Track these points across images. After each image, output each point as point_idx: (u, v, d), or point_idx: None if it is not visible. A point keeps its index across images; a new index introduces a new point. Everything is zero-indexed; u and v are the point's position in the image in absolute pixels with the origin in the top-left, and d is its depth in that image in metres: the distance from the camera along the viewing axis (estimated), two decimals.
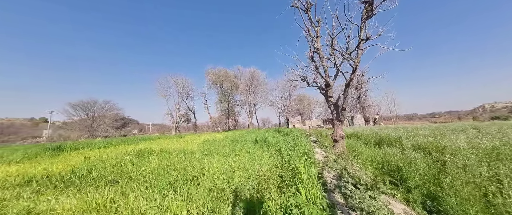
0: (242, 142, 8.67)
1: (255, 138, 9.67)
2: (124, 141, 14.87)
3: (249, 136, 11.14)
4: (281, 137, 10.46)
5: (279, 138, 9.74)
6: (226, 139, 11.04)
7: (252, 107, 39.12)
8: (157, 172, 4.18)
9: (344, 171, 4.47)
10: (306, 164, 3.17)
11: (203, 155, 6.42)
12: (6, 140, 60.63)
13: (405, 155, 5.58)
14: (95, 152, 8.82)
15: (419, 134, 8.57)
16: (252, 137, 10.38)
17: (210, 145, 8.79)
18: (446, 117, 62.11)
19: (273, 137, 10.23)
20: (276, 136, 10.88)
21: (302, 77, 8.89)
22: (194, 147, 8.70)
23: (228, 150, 6.92)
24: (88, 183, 3.73)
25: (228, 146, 8.12)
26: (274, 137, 10.10)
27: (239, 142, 8.47)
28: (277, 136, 10.60)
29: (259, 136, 10.51)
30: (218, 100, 39.18)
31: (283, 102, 40.10)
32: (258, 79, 39.56)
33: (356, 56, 6.17)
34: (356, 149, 8.21)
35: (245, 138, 10.62)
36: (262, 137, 10.17)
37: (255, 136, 10.62)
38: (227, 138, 11.86)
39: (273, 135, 11.41)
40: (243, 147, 7.20)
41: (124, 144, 12.63)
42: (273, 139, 8.72)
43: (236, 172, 4.20)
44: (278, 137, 10.05)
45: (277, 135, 11.39)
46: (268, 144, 7.69)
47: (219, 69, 37.53)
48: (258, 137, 9.95)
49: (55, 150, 10.16)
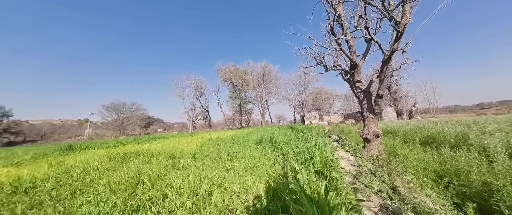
0: (244, 142, 7.22)
1: (261, 137, 8.13)
2: (136, 140, 14.89)
3: (257, 134, 9.63)
4: (293, 135, 8.71)
5: (290, 136, 8.01)
6: (230, 138, 9.80)
7: (264, 104, 37.44)
8: (95, 190, 2.96)
9: (394, 194, 2.65)
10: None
11: (192, 160, 5.20)
12: (56, 139, 71.27)
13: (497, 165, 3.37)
14: (97, 152, 8.50)
15: (491, 129, 5.89)
16: (259, 136, 8.87)
17: (209, 145, 7.62)
18: (499, 108, 50.53)
19: (283, 135, 8.53)
20: (287, 134, 9.14)
21: (318, 59, 6.92)
22: (192, 147, 7.64)
23: (225, 152, 5.60)
24: None
25: (229, 146, 6.81)
26: (284, 136, 8.41)
27: (241, 143, 7.05)
28: (289, 135, 8.86)
29: (266, 135, 8.92)
30: (229, 97, 38.50)
31: (298, 97, 37.39)
32: (270, 74, 37.51)
33: (402, 13, 4.05)
34: (395, 150, 6.03)
35: (251, 136, 9.17)
36: (269, 135, 8.57)
37: (262, 135, 9.07)
38: (232, 137, 10.63)
39: (284, 133, 9.68)
40: (243, 149, 5.75)
41: (133, 143, 12.42)
42: (282, 139, 7.06)
43: (215, 192, 2.77)
44: (289, 136, 8.33)
45: (289, 133, 9.62)
46: (274, 145, 6.09)
47: (229, 65, 36.65)
48: (264, 136, 8.38)
49: (66, 150, 10.27)
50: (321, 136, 7.70)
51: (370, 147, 5.30)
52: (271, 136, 8.24)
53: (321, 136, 7.70)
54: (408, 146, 6.30)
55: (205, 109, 43.16)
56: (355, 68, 5.77)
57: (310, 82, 37.44)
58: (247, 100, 39.19)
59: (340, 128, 17.72)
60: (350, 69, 5.86)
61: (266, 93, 37.26)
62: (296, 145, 5.24)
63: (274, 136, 8.03)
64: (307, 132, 8.75)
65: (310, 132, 9.28)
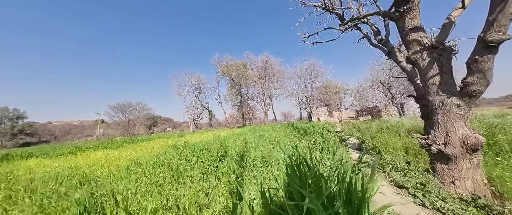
0: (209, 154, 4.45)
1: (245, 142, 5.33)
2: (125, 141, 12.75)
3: (234, 140, 6.81)
4: (292, 137, 5.83)
5: (289, 139, 5.15)
6: (212, 142, 7.14)
7: (267, 100, 34.36)
8: None
9: None
10: None
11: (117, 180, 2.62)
12: (68, 139, 73.98)
13: None
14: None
15: None
16: (237, 144, 6.08)
17: (175, 153, 5.05)
18: None
19: (276, 139, 5.64)
20: (284, 137, 6.24)
21: (330, 6, 3.90)
22: (147, 155, 5.13)
23: (171, 174, 2.96)
24: None
25: (178, 160, 4.18)
26: (279, 138, 5.55)
27: (198, 155, 4.28)
28: (285, 138, 5.96)
29: (251, 139, 6.08)
30: (227, 94, 35.81)
31: (304, 92, 33.90)
32: (273, 67, 34.13)
33: None
34: None
35: (228, 141, 6.38)
36: (254, 140, 5.74)
37: (244, 138, 6.24)
38: (216, 140, 7.98)
39: (276, 135, 6.76)
40: (189, 168, 3.05)
41: (114, 147, 10.25)
42: (264, 147, 4.21)
43: None
44: (285, 139, 5.45)
45: (284, 135, 6.68)
46: (245, 162, 3.28)
47: (226, 58, 33.67)
48: (249, 141, 5.58)
49: None
50: (332, 140, 4.72)
51: (455, 174, 2.29)
52: (257, 140, 5.39)
53: (332, 140, 4.72)
54: None
55: (205, 107, 41.06)
56: (406, 3, 2.70)
57: (318, 75, 33.77)
58: (249, 96, 36.33)
59: (354, 126, 14.37)
60: (396, 5, 2.79)
61: (268, 89, 34.12)
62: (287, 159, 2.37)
63: (258, 142, 5.15)
64: (312, 134, 5.77)
65: (317, 132, 6.29)
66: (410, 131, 8.42)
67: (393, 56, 3.40)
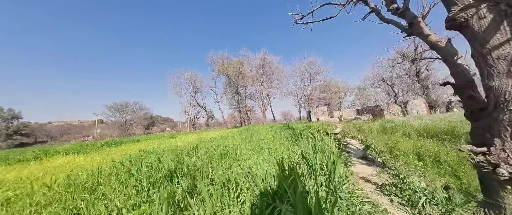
0: (158, 171, 3.40)
1: (224, 148, 4.29)
2: (106, 144, 11.71)
3: (220, 143, 5.76)
4: (284, 142, 4.80)
5: (278, 145, 4.11)
6: (182, 148, 6.12)
7: (265, 99, 33.29)
8: None
9: None
10: None
11: None
12: (65, 139, 73.08)
13: None
14: None
15: None
16: (225, 144, 5.05)
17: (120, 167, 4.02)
18: None
19: (260, 145, 4.60)
20: (274, 139, 5.19)
21: None
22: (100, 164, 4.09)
23: None
24: None
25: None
26: (267, 141, 4.52)
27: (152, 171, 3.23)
28: (274, 143, 4.90)
29: (236, 141, 5.03)
30: (223, 92, 34.67)
31: (303, 91, 32.82)
32: (271, 65, 33.01)
33: None
34: None
35: (213, 145, 5.34)
36: (238, 142, 4.70)
37: (223, 143, 5.19)
38: (192, 143, 6.96)
39: (263, 138, 5.70)
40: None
41: (89, 150, 9.18)
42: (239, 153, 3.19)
43: None
44: (273, 146, 4.41)
45: (275, 137, 5.62)
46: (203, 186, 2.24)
47: (222, 55, 32.44)
48: (229, 146, 4.54)
49: None
50: (329, 145, 3.66)
51: None
52: (236, 146, 4.34)
53: (329, 145, 3.66)
54: None
55: (202, 107, 40.00)
56: None
57: (317, 73, 32.68)
58: (247, 95, 35.22)
59: (356, 126, 13.33)
60: None
61: (266, 87, 33.03)
62: None
63: (240, 148, 4.10)
64: (307, 137, 4.71)
65: (313, 134, 5.24)
66: (420, 132, 7.36)
67: (416, 29, 2.36)
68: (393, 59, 22.58)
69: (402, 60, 22.05)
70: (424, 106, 22.38)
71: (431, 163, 3.18)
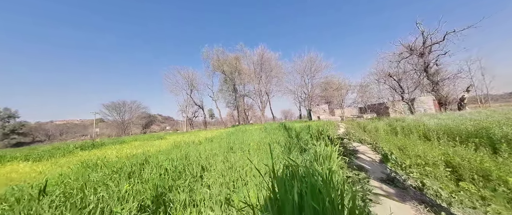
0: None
1: (184, 157, 3.13)
2: (83, 147, 10.59)
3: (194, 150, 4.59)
4: (275, 148, 3.63)
5: (265, 156, 2.95)
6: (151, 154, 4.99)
7: (264, 97, 32.00)
8: None
9: None
10: None
11: None
12: (63, 139, 72.53)
13: None
14: None
15: None
16: (200, 152, 3.90)
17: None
18: None
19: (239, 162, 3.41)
20: (253, 146, 3.99)
21: None
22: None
23: None
24: None
25: None
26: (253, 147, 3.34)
27: None
28: (254, 148, 3.71)
29: (202, 152, 3.84)
30: (218, 90, 33.32)
31: (303, 88, 31.52)
32: (270, 62, 31.62)
33: None
34: None
35: (182, 151, 4.18)
36: (217, 148, 3.52)
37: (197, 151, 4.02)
38: (166, 147, 5.81)
39: (250, 141, 4.50)
40: None
41: (59, 154, 8.04)
42: None
43: None
44: (258, 156, 3.24)
45: (254, 144, 4.41)
46: None
47: (217, 50, 30.89)
48: (203, 154, 3.37)
49: None
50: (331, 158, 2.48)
51: None
52: (213, 153, 3.16)
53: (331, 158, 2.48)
54: None
55: (199, 106, 38.83)
56: None
57: (318, 70, 31.32)
58: (245, 93, 33.92)
59: (359, 125, 12.10)
60: None
61: (265, 85, 31.71)
62: None
63: (215, 158, 2.91)
64: (304, 137, 3.52)
65: (313, 136, 4.04)
66: (439, 134, 6.10)
67: None
68: (400, 53, 21.25)
69: (410, 55, 20.67)
70: (432, 104, 21.01)
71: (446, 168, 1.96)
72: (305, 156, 2.94)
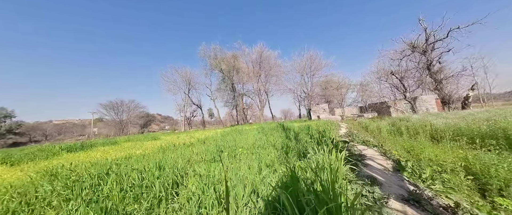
0: None
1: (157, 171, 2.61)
2: (66, 148, 10.04)
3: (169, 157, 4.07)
4: (265, 155, 3.10)
5: (254, 164, 2.44)
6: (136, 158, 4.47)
7: (263, 96, 31.41)
8: None
9: None
10: None
11: None
12: (60, 139, 71.77)
13: None
14: None
15: None
16: (177, 159, 3.37)
17: None
18: None
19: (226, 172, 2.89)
20: (245, 151, 3.48)
21: None
22: None
23: None
24: None
25: None
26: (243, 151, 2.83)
27: None
28: (245, 154, 3.19)
29: (200, 151, 3.34)
30: (216, 89, 32.67)
31: (303, 87, 30.97)
32: (269, 60, 31.00)
33: None
34: None
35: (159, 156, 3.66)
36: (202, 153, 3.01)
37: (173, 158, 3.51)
38: (153, 150, 5.30)
39: (243, 144, 3.98)
40: None
41: (35, 157, 7.44)
42: None
43: None
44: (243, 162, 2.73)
45: (245, 147, 3.89)
46: None
47: (214, 48, 30.13)
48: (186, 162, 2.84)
49: None
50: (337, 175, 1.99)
51: None
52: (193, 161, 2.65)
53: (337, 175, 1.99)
54: None
55: (197, 105, 38.25)
56: None
57: (318, 68, 30.75)
58: (244, 92, 33.31)
59: (360, 125, 11.62)
60: None
61: (264, 84, 31.13)
62: None
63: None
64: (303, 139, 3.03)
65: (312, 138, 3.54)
66: (452, 136, 5.59)
67: None
68: (402, 51, 20.71)
69: (412, 52, 20.13)
70: (435, 103, 20.53)
71: None
72: (303, 163, 2.43)
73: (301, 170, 2.23)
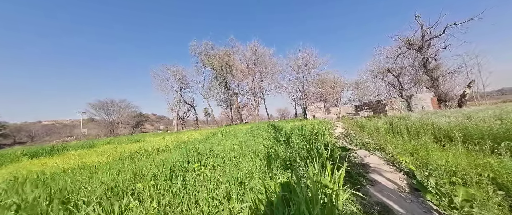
0: None
1: None
2: (31, 153, 8.98)
3: None
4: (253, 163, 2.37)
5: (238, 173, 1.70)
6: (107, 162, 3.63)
7: (258, 95, 30.65)
8: None
9: None
10: None
11: None
12: (47, 140, 68.76)
13: None
14: None
15: None
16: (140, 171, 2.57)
17: None
18: None
19: None
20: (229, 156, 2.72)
21: None
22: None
23: None
24: None
25: None
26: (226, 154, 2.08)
27: None
28: (209, 163, 2.42)
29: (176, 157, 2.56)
30: (208, 87, 31.60)
31: (299, 86, 30.40)
32: (264, 58, 30.20)
33: None
34: None
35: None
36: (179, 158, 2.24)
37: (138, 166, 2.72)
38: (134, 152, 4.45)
39: (229, 148, 3.22)
40: None
41: None
42: None
43: None
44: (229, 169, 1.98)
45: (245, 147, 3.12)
46: None
47: (205, 44, 28.85)
48: None
49: None
50: None
51: None
52: None
53: None
54: None
55: (190, 104, 37.09)
56: None
57: (313, 66, 30.21)
58: (238, 91, 32.42)
59: (356, 124, 11.08)
60: None
61: (259, 82, 30.35)
62: None
63: None
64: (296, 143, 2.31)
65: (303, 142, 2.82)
66: (454, 135, 4.98)
67: None
68: (397, 48, 20.39)
69: (408, 49, 19.83)
70: (430, 101, 20.36)
71: None
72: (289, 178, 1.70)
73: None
